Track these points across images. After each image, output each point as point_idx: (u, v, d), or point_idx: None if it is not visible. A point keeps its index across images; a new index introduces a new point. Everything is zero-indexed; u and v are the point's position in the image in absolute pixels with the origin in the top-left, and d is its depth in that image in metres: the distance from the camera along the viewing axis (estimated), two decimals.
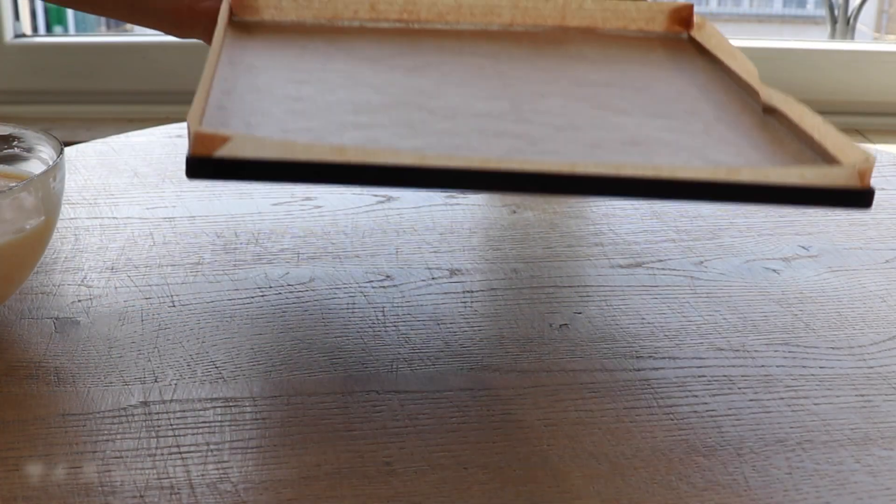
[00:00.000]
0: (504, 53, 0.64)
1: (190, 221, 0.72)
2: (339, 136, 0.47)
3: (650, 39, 0.68)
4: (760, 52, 1.56)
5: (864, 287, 0.63)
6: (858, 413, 0.49)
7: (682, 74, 0.62)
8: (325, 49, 0.61)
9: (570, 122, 0.53)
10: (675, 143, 0.51)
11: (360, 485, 0.43)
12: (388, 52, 0.62)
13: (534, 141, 0.50)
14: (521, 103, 0.55)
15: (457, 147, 0.48)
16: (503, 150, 0.48)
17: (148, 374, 0.52)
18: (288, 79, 0.55)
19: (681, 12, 0.69)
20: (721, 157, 0.50)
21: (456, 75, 0.59)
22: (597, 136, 0.51)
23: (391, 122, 0.50)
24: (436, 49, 0.63)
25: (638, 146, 0.50)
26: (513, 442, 0.47)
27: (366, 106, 0.52)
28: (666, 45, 0.68)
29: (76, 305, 0.59)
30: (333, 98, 0.53)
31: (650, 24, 0.69)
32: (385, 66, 0.59)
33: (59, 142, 0.58)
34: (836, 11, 1.69)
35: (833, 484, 0.44)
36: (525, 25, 0.69)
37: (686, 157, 0.50)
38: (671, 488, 0.43)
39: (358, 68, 0.58)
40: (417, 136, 0.48)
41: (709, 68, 0.63)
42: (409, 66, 0.60)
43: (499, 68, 0.61)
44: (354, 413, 0.48)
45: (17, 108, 1.56)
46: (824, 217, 0.74)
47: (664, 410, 0.49)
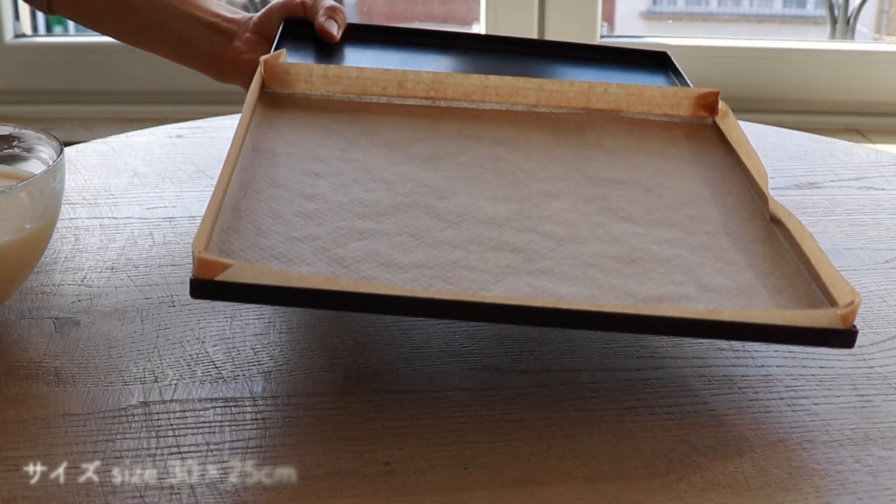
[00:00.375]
0: (523, 140, 0.64)
1: (190, 221, 0.72)
2: (343, 247, 0.49)
3: (673, 124, 0.68)
4: (760, 52, 1.56)
5: (864, 287, 0.63)
6: (858, 413, 0.49)
7: (698, 170, 0.62)
8: (348, 132, 0.62)
9: (572, 233, 0.54)
10: (672, 260, 0.52)
11: (360, 485, 0.43)
12: (409, 137, 0.62)
13: (531, 257, 0.51)
14: (528, 207, 0.56)
15: (454, 263, 0.49)
16: (499, 267, 0.49)
17: (148, 374, 0.52)
18: (305, 170, 0.56)
19: (706, 98, 0.69)
20: (714, 281, 0.51)
21: (471, 169, 0.59)
22: (595, 250, 0.52)
23: (396, 229, 0.52)
24: (457, 134, 0.63)
25: (633, 265, 0.51)
26: (513, 442, 0.47)
27: (374, 208, 0.53)
28: (688, 132, 0.67)
29: (76, 305, 0.59)
30: (345, 198, 0.54)
31: (675, 109, 0.69)
32: (403, 156, 0.60)
33: (59, 142, 0.58)
34: (836, 11, 1.69)
35: (833, 484, 0.44)
36: (549, 107, 0.69)
37: (678, 278, 0.51)
38: (671, 488, 0.43)
39: (375, 160, 0.59)
40: (419, 248, 0.50)
41: (725, 164, 0.63)
42: (426, 155, 0.60)
43: (514, 161, 0.61)
44: (354, 413, 0.48)
45: (17, 108, 1.56)
46: (824, 217, 0.74)
47: (664, 410, 0.49)
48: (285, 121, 0.62)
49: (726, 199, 0.59)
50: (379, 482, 0.44)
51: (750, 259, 0.53)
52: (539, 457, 0.46)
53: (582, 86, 0.68)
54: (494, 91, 0.68)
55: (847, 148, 0.92)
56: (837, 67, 1.55)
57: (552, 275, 0.50)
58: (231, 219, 0.50)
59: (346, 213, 0.53)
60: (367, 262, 0.49)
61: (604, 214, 0.56)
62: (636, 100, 0.68)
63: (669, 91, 0.69)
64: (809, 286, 0.50)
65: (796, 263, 0.52)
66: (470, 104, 0.68)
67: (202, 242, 0.46)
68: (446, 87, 0.68)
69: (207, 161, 0.84)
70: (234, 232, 0.49)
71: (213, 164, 0.84)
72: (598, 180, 0.60)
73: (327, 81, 0.66)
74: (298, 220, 0.52)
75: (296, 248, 0.49)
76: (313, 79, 0.66)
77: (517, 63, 0.75)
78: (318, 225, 0.51)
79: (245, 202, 0.52)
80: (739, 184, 0.61)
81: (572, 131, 0.65)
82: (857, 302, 0.46)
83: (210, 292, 0.45)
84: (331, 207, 0.53)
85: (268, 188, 0.54)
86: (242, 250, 0.49)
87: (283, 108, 0.64)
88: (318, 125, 0.62)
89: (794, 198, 0.78)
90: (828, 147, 0.92)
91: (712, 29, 2.23)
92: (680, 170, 0.62)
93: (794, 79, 1.55)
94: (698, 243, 0.54)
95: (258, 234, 0.50)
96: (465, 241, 0.51)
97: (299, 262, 0.48)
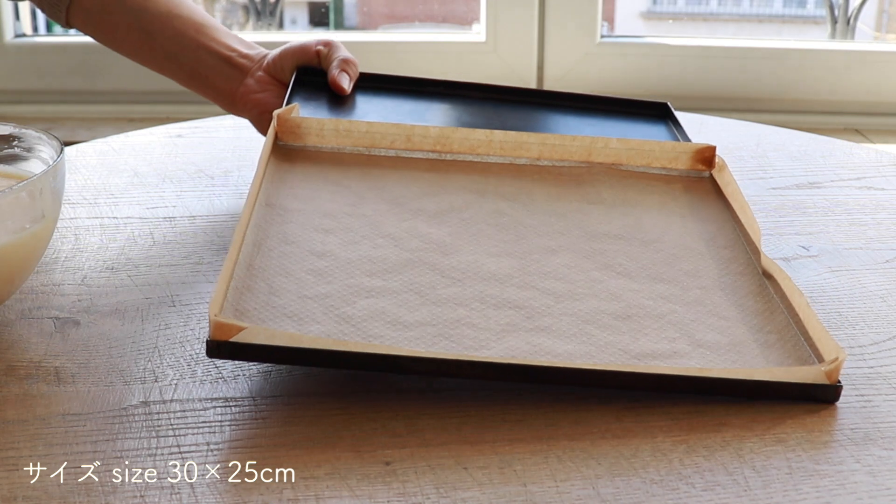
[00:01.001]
0: (525, 194, 0.66)
1: (190, 221, 0.72)
2: (352, 306, 0.52)
3: (671, 177, 0.70)
4: (760, 52, 1.56)
5: (864, 287, 0.63)
6: (858, 413, 0.49)
7: (694, 225, 0.64)
8: (357, 187, 0.64)
9: (570, 289, 0.56)
10: (666, 316, 0.55)
11: (360, 485, 0.43)
12: (416, 192, 0.64)
13: (531, 314, 0.53)
14: (529, 263, 0.58)
15: (457, 321, 0.52)
16: (500, 325, 0.52)
17: (148, 374, 0.52)
18: (316, 226, 0.59)
19: (704, 153, 0.71)
20: (707, 336, 0.53)
21: (475, 225, 0.61)
22: (592, 307, 0.54)
23: (402, 287, 0.54)
24: (462, 189, 0.65)
25: (628, 321, 0.54)
26: (513, 442, 0.47)
27: (382, 265, 0.56)
28: (686, 185, 0.69)
29: (76, 305, 0.59)
30: (354, 255, 0.57)
31: (673, 162, 0.71)
32: (410, 211, 0.62)
33: (59, 142, 0.58)
34: (836, 11, 1.69)
35: (833, 484, 0.44)
36: (552, 160, 0.70)
37: (672, 334, 0.53)
38: (671, 488, 0.43)
39: (384, 216, 0.61)
40: (423, 306, 0.53)
41: (721, 218, 0.65)
42: (432, 210, 0.62)
43: (516, 216, 0.63)
44: (354, 413, 0.48)
45: (17, 107, 1.56)
46: (824, 217, 0.74)
47: (664, 410, 0.49)
48: (297, 175, 0.65)
49: (721, 253, 0.61)
50: (379, 482, 0.44)
51: (742, 314, 0.55)
52: (539, 457, 0.46)
53: (583, 140, 0.70)
54: (499, 145, 0.70)
55: (847, 148, 0.92)
56: (837, 67, 1.55)
57: (550, 332, 0.52)
58: (245, 277, 0.53)
59: (355, 270, 0.55)
60: (374, 321, 0.52)
61: (602, 270, 0.58)
62: (635, 153, 0.71)
63: (668, 146, 0.71)
64: (798, 341, 0.53)
65: (786, 318, 0.55)
66: (475, 157, 0.70)
67: (218, 305, 0.48)
68: (452, 142, 0.70)
69: (207, 161, 0.85)
70: (248, 291, 0.52)
71: (213, 163, 0.84)
72: (597, 235, 0.62)
73: (338, 135, 0.69)
74: (309, 277, 0.54)
75: (307, 306, 0.52)
76: (324, 132, 0.69)
77: (521, 112, 0.78)
78: (327, 283, 0.54)
79: (258, 259, 0.55)
80: (734, 237, 0.63)
81: (573, 185, 0.68)
82: (840, 359, 0.49)
83: (225, 353, 0.48)
84: (340, 264, 0.56)
85: (280, 245, 0.57)
86: (256, 310, 0.51)
87: (295, 161, 0.67)
88: (328, 180, 0.65)
89: (794, 198, 0.78)
90: (828, 147, 0.92)
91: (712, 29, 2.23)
92: (677, 224, 0.64)
93: (794, 79, 1.55)
94: (692, 298, 0.56)
95: (271, 292, 0.53)
96: (468, 298, 0.54)
97: (310, 320, 0.51)
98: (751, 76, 1.55)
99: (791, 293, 0.55)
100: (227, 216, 0.73)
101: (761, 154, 0.90)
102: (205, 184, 0.79)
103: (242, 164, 0.84)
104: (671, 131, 0.79)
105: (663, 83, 1.54)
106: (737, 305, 0.56)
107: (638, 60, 1.55)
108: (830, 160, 0.88)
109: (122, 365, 0.53)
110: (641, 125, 0.80)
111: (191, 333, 0.56)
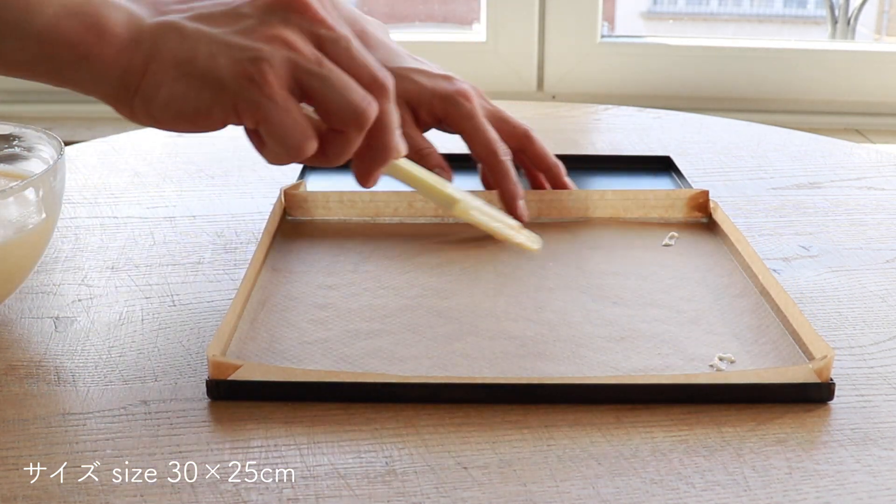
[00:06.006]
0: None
1: (190, 221, 0.72)
2: (350, 347, 0.53)
3: (670, 225, 0.71)
4: (760, 52, 1.56)
5: (864, 287, 0.63)
6: (858, 413, 0.49)
7: (691, 259, 0.65)
8: (361, 249, 0.66)
9: (565, 319, 0.57)
10: (660, 335, 0.55)
11: (360, 485, 0.43)
12: (418, 248, 0.66)
13: (524, 343, 0.54)
14: (525, 300, 0.59)
15: (452, 352, 0.53)
16: (495, 353, 0.53)
17: (148, 373, 0.52)
18: (320, 284, 0.60)
19: (697, 199, 0.72)
20: (699, 351, 0.53)
21: (474, 272, 0.62)
22: (587, 332, 0.55)
23: (399, 326, 0.55)
24: (462, 244, 0.67)
25: (622, 342, 0.54)
26: (513, 442, 0.47)
27: (381, 310, 0.57)
28: (683, 230, 0.70)
29: (76, 305, 0.59)
30: (355, 305, 0.58)
31: (670, 210, 0.72)
32: (412, 264, 0.63)
33: (59, 141, 0.58)
34: (837, 11, 1.69)
35: (833, 484, 0.44)
36: (551, 217, 0.71)
37: (665, 351, 0.53)
38: (671, 488, 0.43)
39: (386, 270, 0.62)
40: (419, 342, 0.54)
41: (719, 252, 0.66)
42: (433, 263, 0.64)
43: (515, 263, 0.64)
44: (354, 413, 0.48)
45: (17, 107, 1.56)
46: (824, 217, 0.74)
47: (664, 410, 0.49)
48: (303, 244, 0.66)
49: (718, 281, 0.62)
50: (379, 482, 0.44)
51: (736, 330, 0.56)
52: (539, 457, 0.46)
53: (579, 194, 0.72)
54: (499, 204, 0.70)
55: (847, 148, 0.92)
56: (837, 67, 1.55)
57: (543, 357, 0.53)
58: (248, 330, 0.55)
59: (355, 317, 0.57)
60: (370, 358, 0.52)
61: (598, 301, 0.59)
62: (632, 203, 0.72)
63: (662, 193, 0.72)
64: (793, 350, 0.53)
65: (781, 330, 0.55)
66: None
67: (217, 348, 0.50)
68: None
69: (207, 160, 0.85)
70: (250, 340, 0.54)
71: (213, 163, 0.84)
72: (595, 273, 0.63)
73: (343, 206, 0.71)
74: (310, 326, 0.56)
75: (306, 350, 0.53)
76: (330, 204, 0.71)
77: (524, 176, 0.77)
78: (327, 329, 0.55)
79: (262, 315, 0.56)
80: (731, 266, 0.64)
81: (571, 236, 0.69)
82: (829, 356, 0.49)
83: (224, 392, 0.49)
84: (340, 313, 0.57)
85: (284, 301, 0.58)
86: (257, 355, 0.52)
87: (301, 234, 0.69)
88: (333, 244, 0.66)
89: (794, 198, 0.78)
90: (828, 147, 0.92)
91: (712, 29, 2.23)
92: (674, 259, 0.65)
93: (794, 79, 1.55)
94: (687, 319, 0.57)
95: (272, 340, 0.54)
96: (464, 333, 0.55)
97: (308, 362, 0.52)
98: (751, 76, 1.56)
99: (786, 305, 0.56)
100: (227, 216, 0.73)
101: (761, 154, 0.90)
102: (205, 184, 0.79)
103: (242, 165, 0.84)
104: (675, 182, 0.81)
105: (663, 83, 1.54)
106: (731, 323, 0.56)
107: (638, 60, 1.55)
108: (830, 160, 0.88)
109: (122, 365, 0.53)
110: (646, 178, 0.82)
111: (191, 333, 0.56)
